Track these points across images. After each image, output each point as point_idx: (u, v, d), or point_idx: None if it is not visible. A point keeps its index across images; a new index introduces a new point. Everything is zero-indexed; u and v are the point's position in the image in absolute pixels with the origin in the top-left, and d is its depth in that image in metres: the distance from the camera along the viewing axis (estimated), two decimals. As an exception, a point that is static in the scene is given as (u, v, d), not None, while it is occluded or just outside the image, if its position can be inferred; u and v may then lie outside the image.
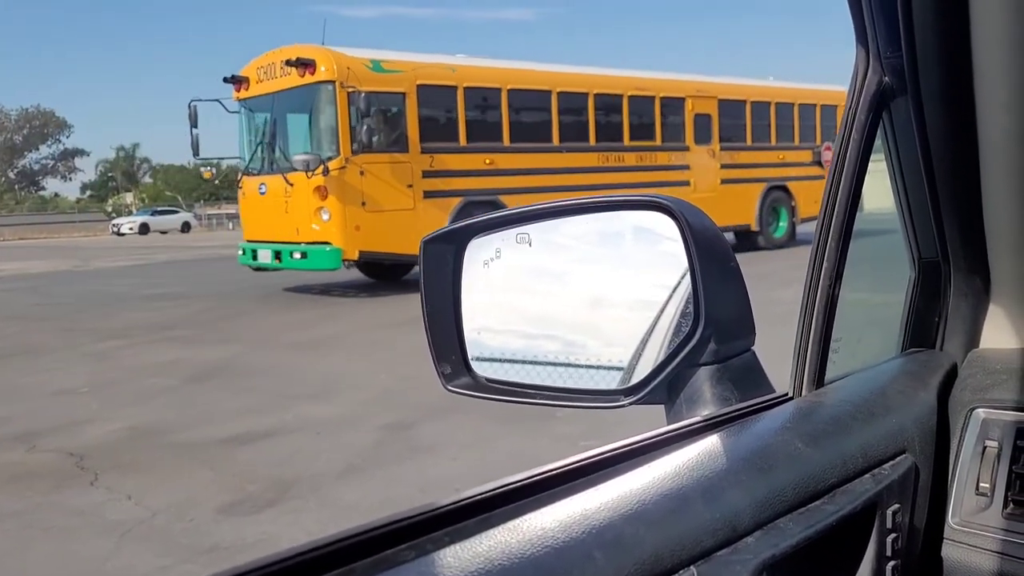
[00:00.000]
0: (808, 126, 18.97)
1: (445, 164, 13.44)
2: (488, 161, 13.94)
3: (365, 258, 12.92)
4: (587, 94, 15.34)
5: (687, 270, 0.89)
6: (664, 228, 0.91)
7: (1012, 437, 0.96)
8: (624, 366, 0.94)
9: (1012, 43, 0.81)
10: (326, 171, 12.35)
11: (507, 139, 14.27)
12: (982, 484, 0.95)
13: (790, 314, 0.94)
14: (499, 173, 13.94)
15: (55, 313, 13.46)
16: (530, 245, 1.00)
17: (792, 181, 18.26)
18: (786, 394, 0.91)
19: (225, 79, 13.94)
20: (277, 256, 13.39)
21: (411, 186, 13.02)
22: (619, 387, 0.94)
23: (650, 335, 0.93)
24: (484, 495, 0.60)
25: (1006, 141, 0.91)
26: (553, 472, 0.65)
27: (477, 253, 1.02)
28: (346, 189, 12.45)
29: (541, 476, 0.64)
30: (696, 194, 16.37)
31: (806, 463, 0.76)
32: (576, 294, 1.01)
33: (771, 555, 0.66)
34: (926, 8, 0.82)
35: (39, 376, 8.21)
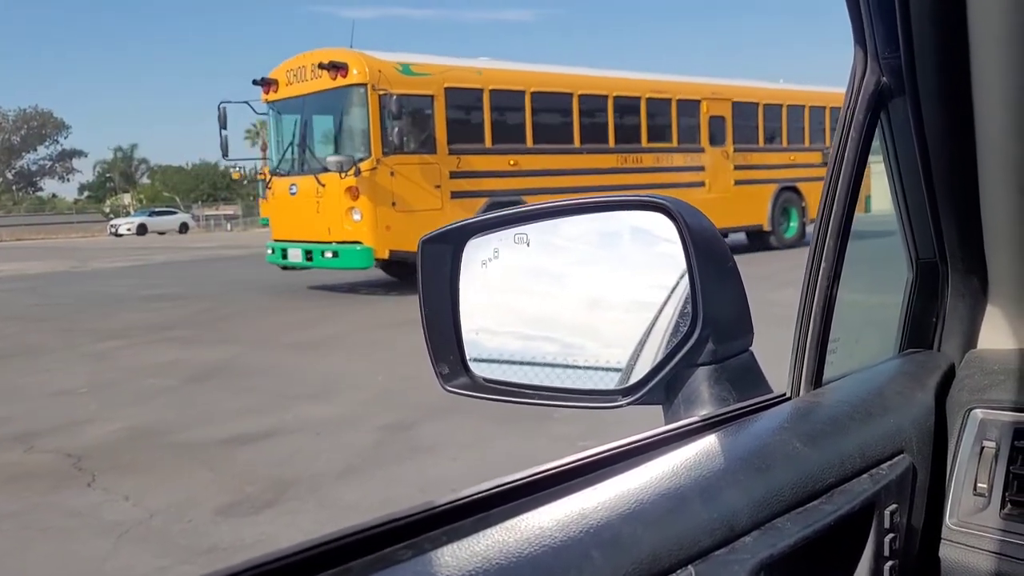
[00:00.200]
0: (818, 128, 19.21)
1: (471, 165, 13.72)
2: (512, 162, 14.20)
3: (395, 257, 13.04)
4: (607, 96, 15.60)
5: (685, 270, 0.89)
6: (662, 229, 0.91)
7: (1009, 437, 0.96)
8: (622, 367, 0.94)
9: (1010, 43, 0.81)
10: (358, 172, 12.57)
11: (530, 140, 14.57)
12: (980, 484, 0.95)
13: (789, 316, 0.94)
14: (523, 174, 14.21)
15: (53, 314, 13.45)
16: (528, 245, 1.00)
17: (802, 182, 18.46)
18: (784, 394, 0.91)
19: (254, 81, 14.19)
20: (308, 255, 13.57)
21: (439, 187, 13.27)
22: (617, 387, 0.94)
23: (648, 335, 0.93)
24: (482, 494, 0.60)
25: (1004, 141, 0.91)
26: (551, 471, 0.65)
27: (475, 253, 1.02)
28: (377, 190, 12.68)
29: (539, 475, 0.64)
30: (710, 194, 16.76)
31: (804, 463, 0.76)
32: (574, 295, 1.01)
33: (769, 555, 0.66)
34: (924, 8, 0.82)
35: (38, 376, 8.20)
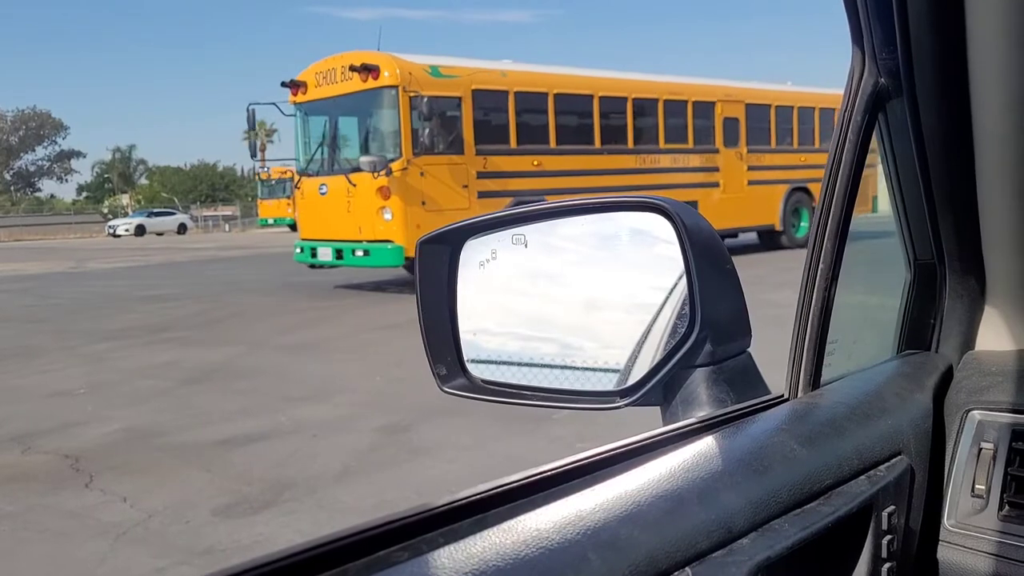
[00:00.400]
0: (828, 130, 19.47)
1: (497, 166, 14.05)
2: (536, 163, 14.55)
3: None
4: (626, 98, 15.92)
5: (683, 272, 0.89)
6: (660, 230, 0.90)
7: (1007, 439, 0.96)
8: (620, 368, 0.94)
9: (1007, 44, 0.81)
10: (389, 172, 12.81)
11: (553, 141, 14.88)
12: (978, 486, 0.95)
13: (787, 316, 0.94)
14: (546, 174, 14.53)
15: (51, 314, 13.43)
16: (526, 246, 1.00)
17: (813, 183, 18.71)
18: (782, 396, 0.91)
19: (283, 83, 14.42)
20: (338, 254, 13.75)
21: (466, 186, 13.59)
22: (615, 389, 0.94)
23: (646, 337, 0.93)
24: (479, 496, 0.59)
25: (1002, 142, 0.91)
26: (548, 473, 0.64)
27: (473, 254, 1.02)
28: (407, 190, 12.92)
29: (536, 477, 0.63)
30: (725, 195, 17.21)
31: (802, 464, 0.76)
32: (572, 296, 1.00)
33: (766, 557, 0.65)
34: (921, 9, 0.82)
35: (35, 377, 8.19)
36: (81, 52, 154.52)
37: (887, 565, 0.81)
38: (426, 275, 1.03)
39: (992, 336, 1.12)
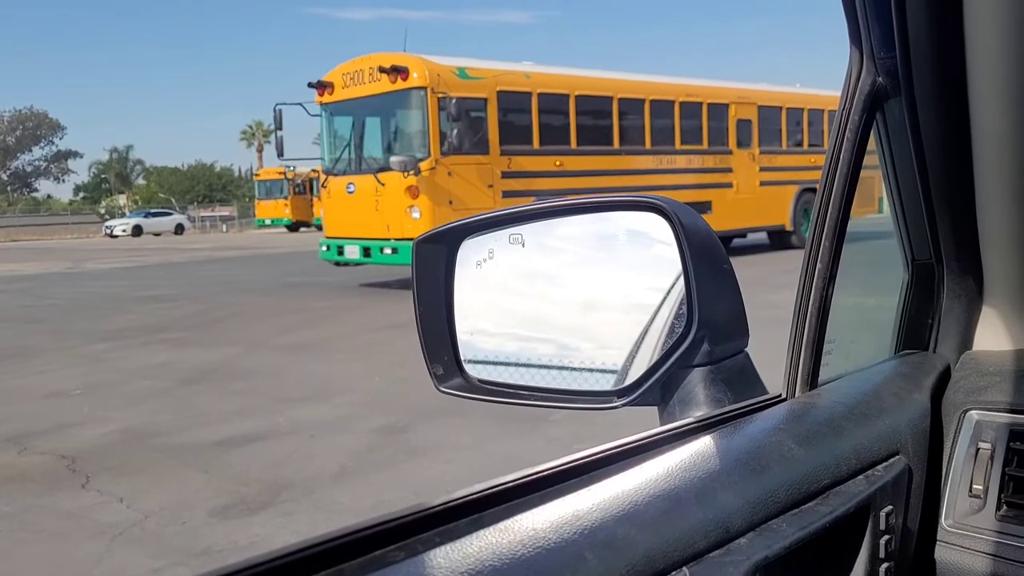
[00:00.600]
0: None
1: (521, 166, 14.38)
2: (558, 163, 14.90)
3: None
4: (644, 100, 16.25)
5: (680, 272, 0.88)
6: (658, 231, 0.90)
7: (1005, 439, 0.96)
8: (618, 368, 0.94)
9: (1006, 44, 0.81)
10: (417, 172, 13.03)
11: (574, 142, 15.21)
12: (975, 486, 0.95)
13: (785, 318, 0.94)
14: (567, 174, 14.82)
15: (48, 315, 13.41)
16: (523, 246, 1.00)
17: None
18: (779, 395, 0.91)
19: (310, 84, 14.65)
20: (366, 252, 13.93)
21: (491, 186, 13.92)
22: (613, 389, 0.93)
23: (644, 337, 0.93)
24: (475, 495, 0.59)
25: (1000, 142, 0.91)
26: (545, 472, 0.64)
27: (470, 254, 1.02)
28: (435, 189, 13.18)
29: (533, 476, 0.63)
30: (738, 195, 17.56)
31: (799, 464, 0.76)
32: (569, 296, 1.00)
33: (764, 556, 0.65)
34: (920, 9, 0.82)
35: (31, 378, 8.18)
36: (78, 52, 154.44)
37: (885, 565, 0.81)
38: (423, 275, 1.02)
39: (990, 336, 1.12)
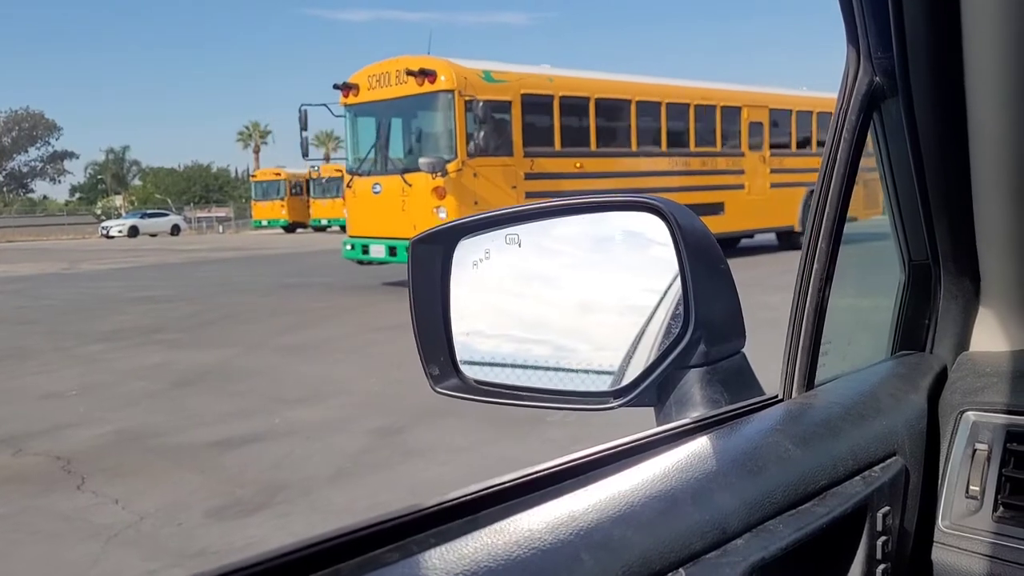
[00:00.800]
0: None
1: (543, 167, 14.65)
2: (578, 165, 15.18)
3: None
4: (660, 103, 16.59)
5: (677, 272, 0.88)
6: (654, 232, 0.90)
7: (1002, 440, 0.95)
8: (614, 369, 0.93)
9: (1003, 44, 0.81)
10: (444, 173, 13.25)
11: (594, 144, 15.53)
12: (972, 487, 0.95)
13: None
14: (587, 176, 15.09)
15: (43, 316, 13.38)
16: (519, 246, 0.99)
17: None
18: (776, 396, 0.91)
19: (335, 85, 14.86)
20: (391, 251, 14.08)
21: (515, 187, 14.19)
22: (609, 389, 0.93)
23: (640, 337, 0.93)
24: (471, 496, 0.59)
25: (997, 143, 0.91)
26: (541, 473, 0.64)
27: (466, 254, 1.01)
28: (462, 190, 13.40)
29: (529, 477, 0.63)
30: (750, 197, 17.95)
31: (796, 465, 0.76)
32: (566, 297, 1.00)
33: (761, 557, 0.65)
34: (917, 9, 0.82)
35: (26, 379, 8.16)
36: (75, 53, 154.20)
37: (882, 566, 0.81)
38: (419, 275, 1.02)
39: (987, 337, 1.12)
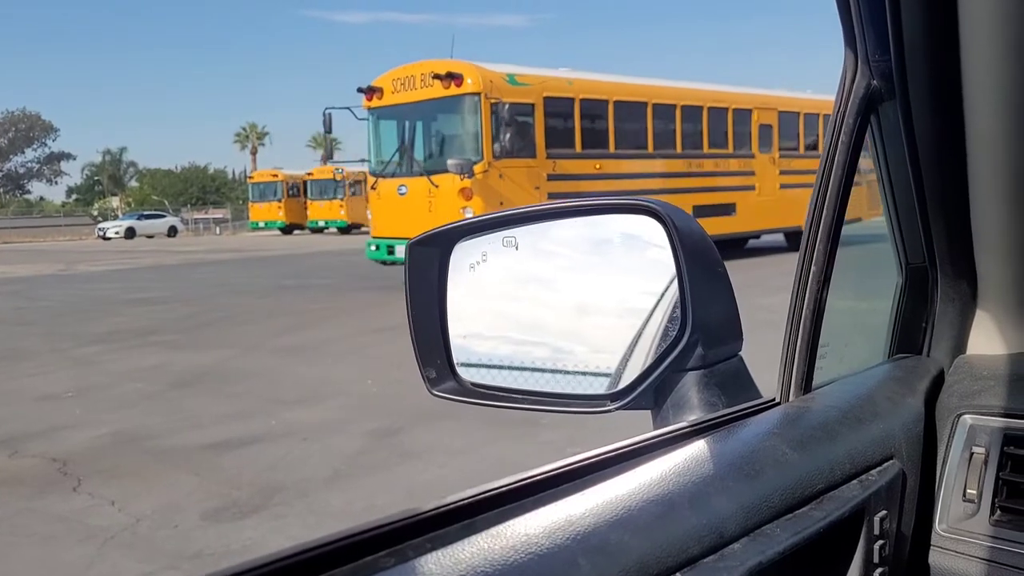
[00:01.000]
0: None
1: (565, 168, 15.00)
2: (597, 166, 15.48)
3: None
4: (675, 105, 16.96)
5: (675, 275, 0.88)
6: (652, 234, 0.90)
7: (999, 443, 0.95)
8: (611, 372, 0.93)
9: (1000, 48, 0.81)
10: (471, 174, 13.51)
11: (612, 146, 15.89)
12: (969, 491, 0.94)
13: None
14: (606, 177, 15.42)
15: (40, 317, 13.36)
16: (517, 249, 0.99)
17: None
18: (773, 399, 0.90)
19: (359, 89, 15.10)
20: None
21: (538, 188, 14.55)
22: (606, 392, 0.93)
23: (638, 340, 0.92)
24: (467, 500, 0.59)
25: (994, 146, 0.91)
26: (538, 477, 0.64)
27: (463, 257, 1.01)
28: (488, 191, 13.69)
29: (526, 481, 0.63)
30: (760, 197, 18.35)
31: (793, 469, 0.75)
32: (563, 299, 1.00)
33: (758, 562, 0.65)
34: (914, 12, 0.82)
35: (22, 381, 8.14)
36: (72, 54, 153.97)
37: (879, 570, 0.80)
38: (416, 278, 1.02)
39: (983, 340, 1.12)
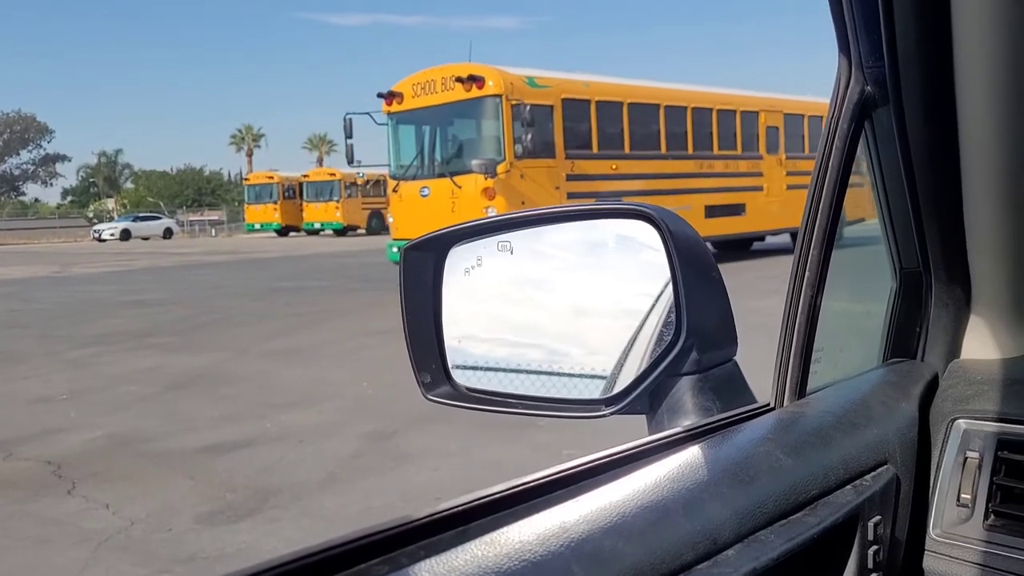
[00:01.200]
0: None
1: (583, 169, 15.39)
2: (613, 167, 15.93)
3: None
4: (686, 108, 17.37)
5: (669, 279, 0.88)
6: (647, 237, 0.90)
7: (993, 448, 0.95)
8: (607, 375, 0.93)
9: (994, 53, 0.81)
10: (494, 174, 13.82)
11: (627, 147, 16.24)
12: (963, 495, 0.95)
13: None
14: (621, 177, 15.77)
15: (34, 319, 13.33)
16: (511, 253, 0.99)
17: None
18: (768, 404, 0.90)
19: (379, 94, 15.38)
20: None
21: (558, 188, 14.85)
22: (601, 397, 0.93)
23: (632, 344, 0.92)
24: (461, 507, 0.58)
25: (988, 151, 0.91)
26: (531, 484, 0.63)
27: (458, 261, 1.01)
28: (510, 190, 13.98)
29: (519, 488, 0.63)
30: (768, 198, 18.73)
31: (787, 474, 0.75)
32: (558, 302, 1.00)
33: (752, 568, 0.65)
34: (908, 18, 0.82)
35: (16, 383, 8.12)
36: (67, 55, 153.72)
37: (873, 576, 0.81)
38: (411, 282, 1.02)
39: (978, 345, 1.12)
